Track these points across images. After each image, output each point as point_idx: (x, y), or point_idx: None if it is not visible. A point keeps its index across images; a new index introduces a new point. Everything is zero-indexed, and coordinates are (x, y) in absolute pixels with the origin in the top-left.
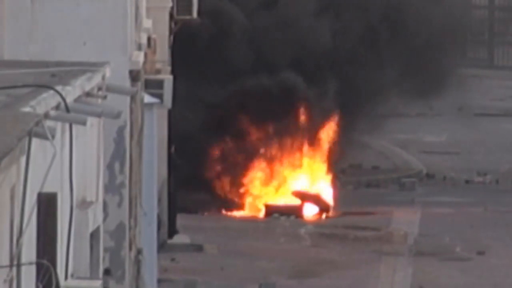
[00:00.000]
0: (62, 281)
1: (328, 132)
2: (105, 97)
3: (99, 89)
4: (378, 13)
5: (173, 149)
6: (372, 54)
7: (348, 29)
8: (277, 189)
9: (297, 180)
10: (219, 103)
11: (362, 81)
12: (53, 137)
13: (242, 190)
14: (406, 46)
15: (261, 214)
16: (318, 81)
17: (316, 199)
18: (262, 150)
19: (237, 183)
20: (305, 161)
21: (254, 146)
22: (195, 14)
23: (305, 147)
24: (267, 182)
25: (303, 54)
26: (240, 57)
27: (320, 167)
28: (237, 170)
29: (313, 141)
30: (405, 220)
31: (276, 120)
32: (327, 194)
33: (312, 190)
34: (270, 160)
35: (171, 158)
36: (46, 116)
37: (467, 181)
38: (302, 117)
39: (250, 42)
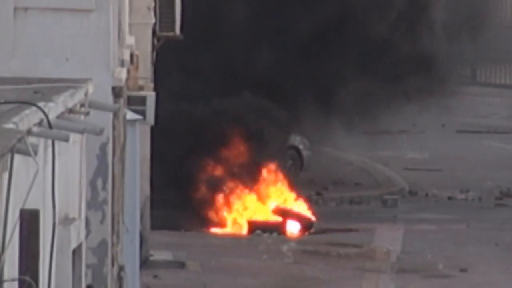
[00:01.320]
0: None
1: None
2: (87, 114)
3: (82, 105)
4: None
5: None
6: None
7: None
8: (257, 206)
9: (277, 197)
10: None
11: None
12: (35, 153)
13: (224, 208)
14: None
15: (244, 230)
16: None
17: (298, 216)
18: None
19: (218, 201)
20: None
21: (233, 166)
22: (178, 31)
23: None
24: (248, 198)
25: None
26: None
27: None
28: (218, 188)
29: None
30: (388, 237)
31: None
32: (309, 211)
33: (293, 207)
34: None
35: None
36: (29, 132)
37: (449, 198)
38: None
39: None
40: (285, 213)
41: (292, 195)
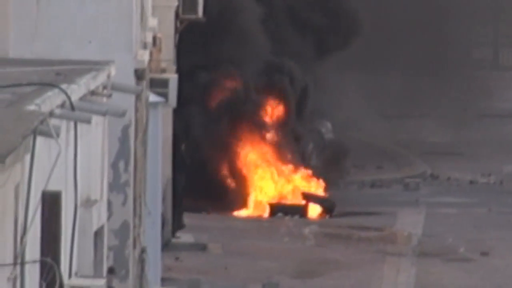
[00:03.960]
0: (66, 279)
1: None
2: (110, 96)
3: (104, 87)
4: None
5: (183, 147)
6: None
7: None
8: (280, 188)
9: (299, 180)
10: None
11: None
12: (58, 135)
13: (246, 189)
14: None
15: (266, 213)
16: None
17: (321, 199)
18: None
19: (241, 182)
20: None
21: (257, 147)
22: (200, 14)
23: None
24: (271, 181)
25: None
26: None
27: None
28: (240, 170)
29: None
30: (409, 220)
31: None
32: (330, 194)
33: (318, 190)
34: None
35: (180, 156)
36: (51, 114)
37: (471, 182)
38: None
39: None
40: (307, 196)
41: (314, 179)
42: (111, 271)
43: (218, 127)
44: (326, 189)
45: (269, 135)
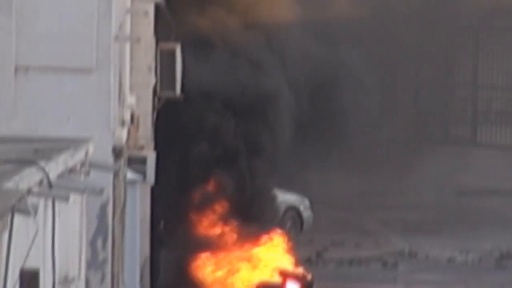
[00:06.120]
0: None
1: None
2: (88, 173)
3: (82, 165)
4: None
5: (162, 224)
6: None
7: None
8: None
9: (277, 258)
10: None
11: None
12: (35, 213)
13: (224, 270)
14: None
15: None
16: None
17: (299, 277)
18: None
19: (219, 263)
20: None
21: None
22: (178, 91)
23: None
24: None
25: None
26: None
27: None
28: (218, 250)
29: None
30: None
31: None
32: (308, 272)
33: (295, 269)
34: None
35: (159, 234)
36: (29, 192)
37: (449, 260)
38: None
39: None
40: (285, 274)
41: (292, 256)
42: None
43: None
44: (304, 267)
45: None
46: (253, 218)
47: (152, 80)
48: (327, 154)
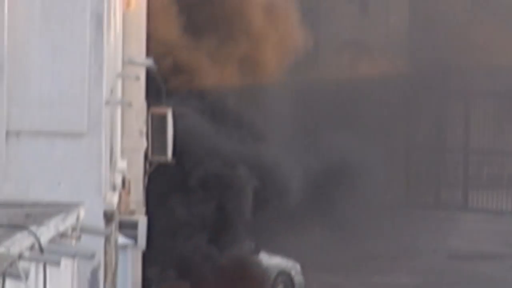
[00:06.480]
0: None
1: None
2: (79, 238)
3: (73, 229)
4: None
5: None
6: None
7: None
8: None
9: None
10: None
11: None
12: (26, 278)
13: None
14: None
15: None
16: None
17: None
18: None
19: None
20: None
21: None
22: (169, 156)
23: None
24: None
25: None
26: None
27: None
28: None
29: None
30: None
31: None
32: None
33: None
34: None
35: None
36: (20, 256)
37: None
38: None
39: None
40: None
41: None
42: None
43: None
44: None
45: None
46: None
47: (144, 145)
48: (319, 219)
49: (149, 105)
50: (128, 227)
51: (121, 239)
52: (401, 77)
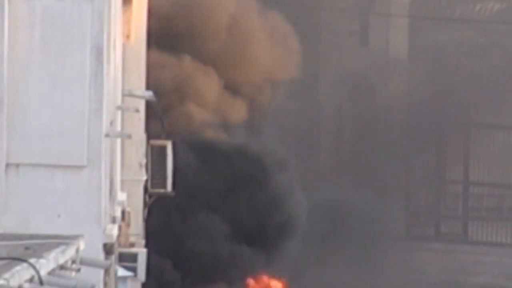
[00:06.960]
0: None
1: None
2: (79, 270)
3: (73, 262)
4: None
5: None
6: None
7: None
8: None
9: None
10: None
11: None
12: None
13: None
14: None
15: None
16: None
17: None
18: None
19: None
20: None
21: None
22: (169, 188)
23: None
24: None
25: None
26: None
27: None
28: None
29: None
30: None
31: None
32: None
33: None
34: None
35: None
36: None
37: None
38: None
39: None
40: None
41: None
42: None
43: None
44: None
45: None
46: None
47: (143, 177)
48: (320, 251)
49: (148, 137)
50: (127, 260)
51: (121, 271)
52: (401, 109)
